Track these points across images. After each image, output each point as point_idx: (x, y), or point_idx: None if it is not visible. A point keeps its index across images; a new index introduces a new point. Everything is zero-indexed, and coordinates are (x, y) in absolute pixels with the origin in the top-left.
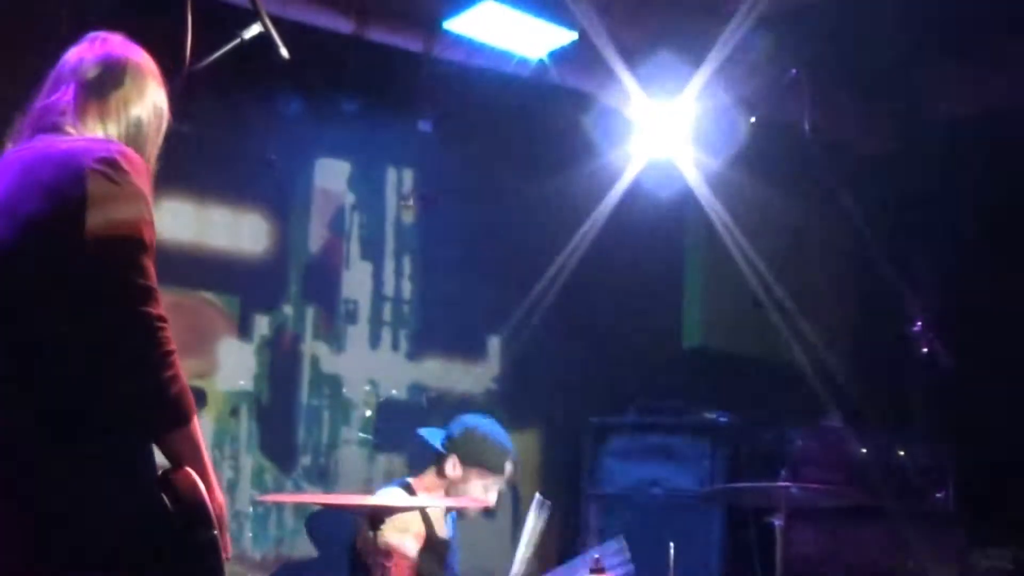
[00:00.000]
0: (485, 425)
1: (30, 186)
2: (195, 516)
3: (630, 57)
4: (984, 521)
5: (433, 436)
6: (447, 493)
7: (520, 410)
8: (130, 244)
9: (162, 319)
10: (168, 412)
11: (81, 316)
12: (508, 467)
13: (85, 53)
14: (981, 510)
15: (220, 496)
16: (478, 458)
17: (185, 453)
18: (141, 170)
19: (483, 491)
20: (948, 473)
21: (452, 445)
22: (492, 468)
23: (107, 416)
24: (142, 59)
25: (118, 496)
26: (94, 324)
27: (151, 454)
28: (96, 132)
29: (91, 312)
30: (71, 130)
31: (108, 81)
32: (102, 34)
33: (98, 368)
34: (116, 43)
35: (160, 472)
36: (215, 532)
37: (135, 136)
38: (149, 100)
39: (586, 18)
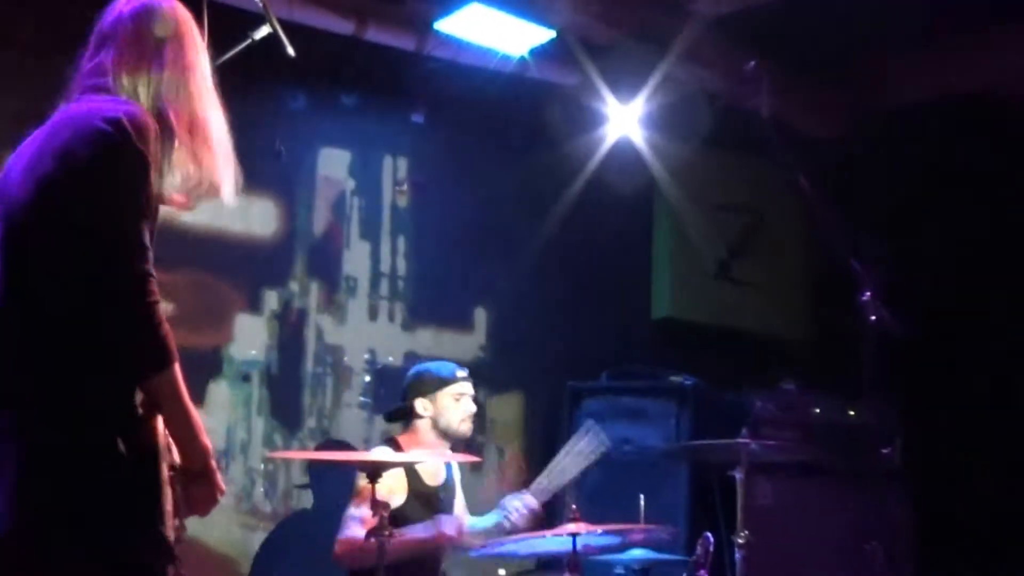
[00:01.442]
0: (427, 363)
1: (49, 148)
2: (144, 469)
3: (603, 52)
4: (927, 475)
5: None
6: (436, 432)
7: (504, 375)
8: (126, 203)
9: (149, 274)
10: (152, 356)
11: (79, 269)
12: (460, 372)
13: (123, 8)
14: (924, 465)
15: (204, 441)
16: (434, 384)
17: (166, 394)
18: (147, 133)
19: (458, 407)
20: (894, 431)
21: (410, 393)
22: (448, 381)
23: (92, 360)
24: (177, 12)
25: (86, 433)
26: (90, 276)
27: (130, 399)
28: (129, 91)
29: (88, 265)
30: (109, 89)
31: (143, 38)
32: None
33: (90, 315)
34: (157, 3)
35: (133, 416)
36: (159, 486)
37: (168, 92)
38: (185, 53)
39: (562, 18)
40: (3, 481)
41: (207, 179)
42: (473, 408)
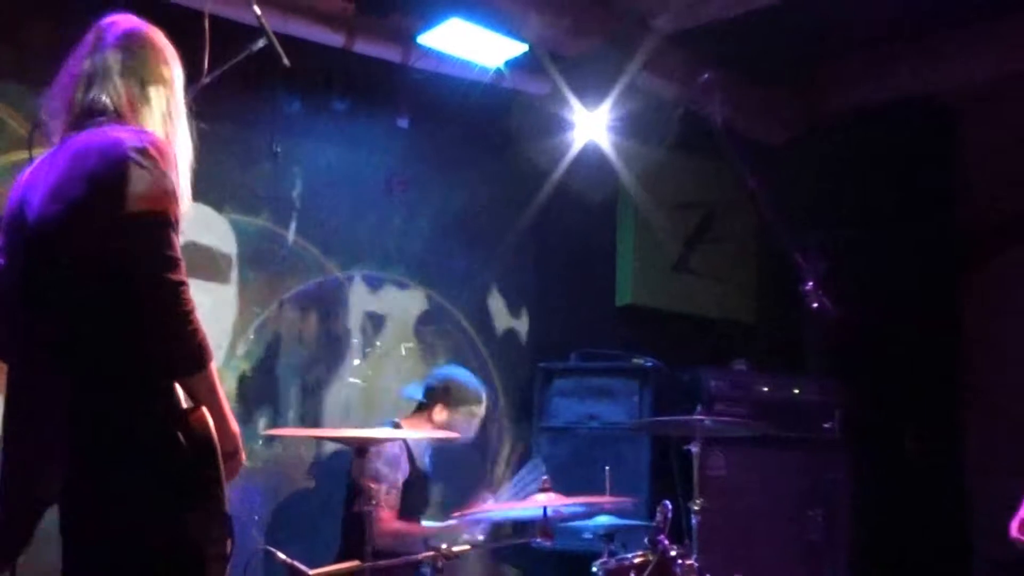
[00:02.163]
0: (458, 372)
1: (77, 173)
2: (203, 452)
3: (572, 64)
4: (863, 446)
5: (415, 391)
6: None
7: (483, 358)
8: (159, 221)
9: (184, 283)
10: (189, 359)
11: (117, 283)
12: (483, 393)
13: (113, 32)
14: (861, 436)
15: (234, 426)
16: (459, 401)
17: (203, 393)
18: (169, 157)
19: (469, 425)
20: (834, 407)
21: (434, 395)
22: (472, 403)
23: (136, 366)
24: (158, 35)
25: (140, 432)
26: (128, 289)
27: (173, 397)
28: (128, 117)
29: (126, 279)
30: (114, 118)
31: (142, 71)
32: (122, 16)
33: (129, 325)
34: (134, 22)
35: (179, 411)
36: (219, 468)
37: (168, 115)
38: (174, 80)
39: (534, 32)
40: (85, 490)
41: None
42: (477, 429)
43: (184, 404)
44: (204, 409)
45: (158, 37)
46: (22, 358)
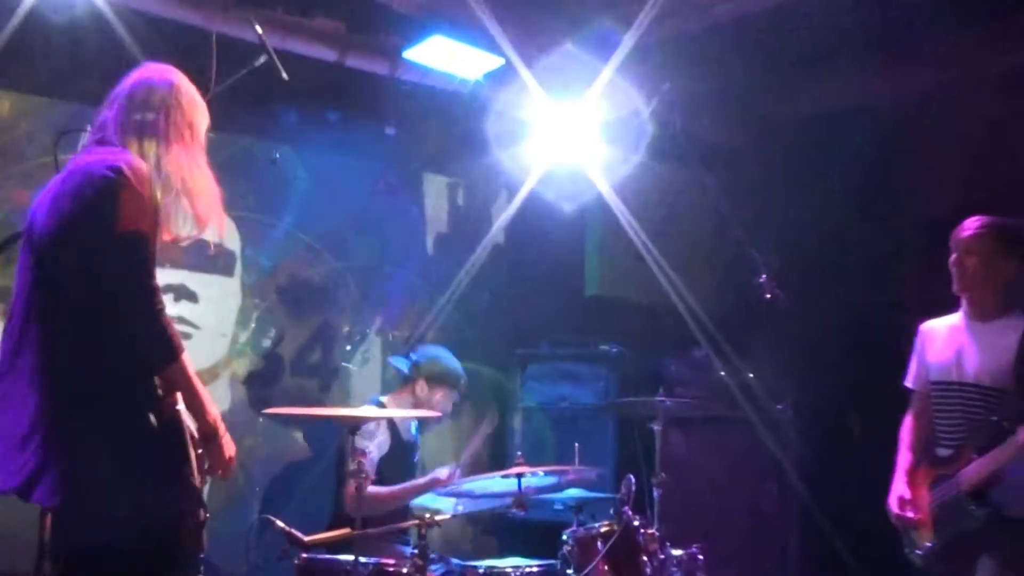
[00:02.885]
0: (443, 354)
1: (67, 191)
2: (172, 433)
3: (544, 76)
4: (813, 426)
5: (399, 363)
6: (415, 407)
7: (465, 345)
8: (131, 231)
9: (155, 287)
10: (160, 352)
11: (98, 284)
12: (463, 378)
13: (130, 79)
14: (809, 417)
15: (212, 411)
16: (441, 379)
17: (180, 382)
18: (142, 174)
19: (445, 403)
20: (786, 390)
21: (418, 370)
22: (451, 386)
23: (116, 360)
24: (174, 79)
25: (120, 417)
26: (107, 290)
27: (150, 386)
28: (130, 143)
29: (105, 281)
30: (113, 142)
31: (142, 102)
32: (149, 64)
33: (110, 324)
34: (151, 70)
35: (155, 398)
36: (187, 447)
37: (164, 152)
38: (178, 122)
39: (511, 48)
40: (53, 458)
41: (197, 225)
42: (450, 411)
43: (160, 392)
44: (178, 395)
45: (176, 82)
46: (18, 352)
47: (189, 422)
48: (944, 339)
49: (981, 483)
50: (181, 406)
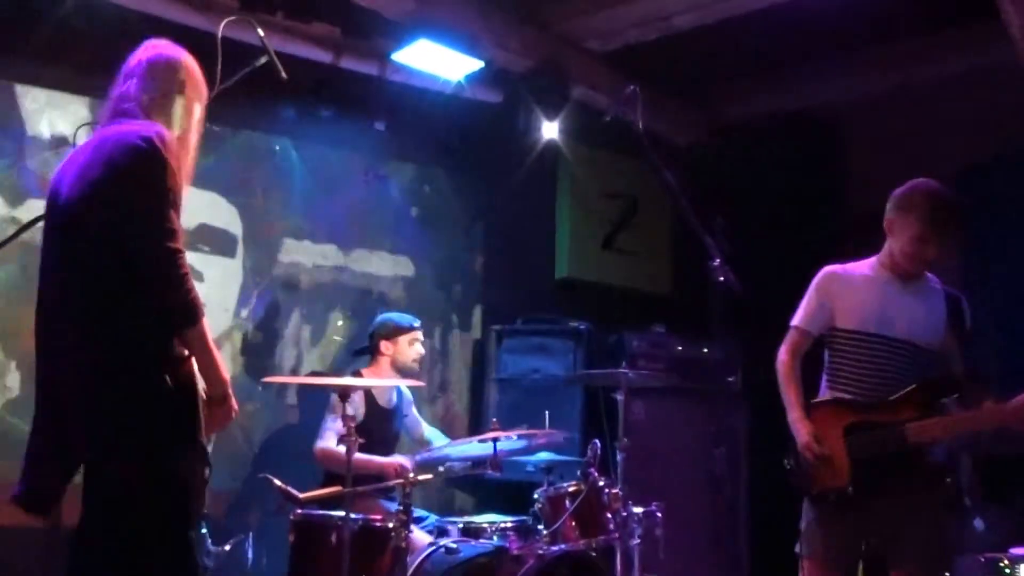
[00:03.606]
0: (390, 314)
1: (97, 158)
2: (185, 394)
3: (519, 78)
4: (760, 397)
5: (362, 347)
6: (394, 367)
7: (448, 321)
8: (160, 197)
9: (180, 251)
10: (183, 315)
11: (126, 248)
12: (415, 323)
13: (142, 55)
14: (757, 389)
15: (224, 375)
16: (396, 331)
17: (196, 346)
18: (172, 145)
19: (411, 348)
20: (736, 364)
21: (376, 334)
22: (406, 329)
23: (139, 321)
24: (183, 58)
25: (139, 377)
26: (135, 254)
27: (169, 348)
28: (149, 116)
29: (132, 246)
30: (133, 114)
31: (158, 76)
32: (155, 40)
33: (135, 285)
34: (164, 47)
35: (172, 360)
36: (198, 408)
37: (178, 115)
38: (188, 88)
39: (488, 52)
40: (80, 417)
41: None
42: (422, 351)
43: (178, 354)
44: (193, 360)
45: (185, 61)
46: (49, 313)
47: (200, 384)
48: (861, 289)
49: (929, 442)
50: (195, 368)
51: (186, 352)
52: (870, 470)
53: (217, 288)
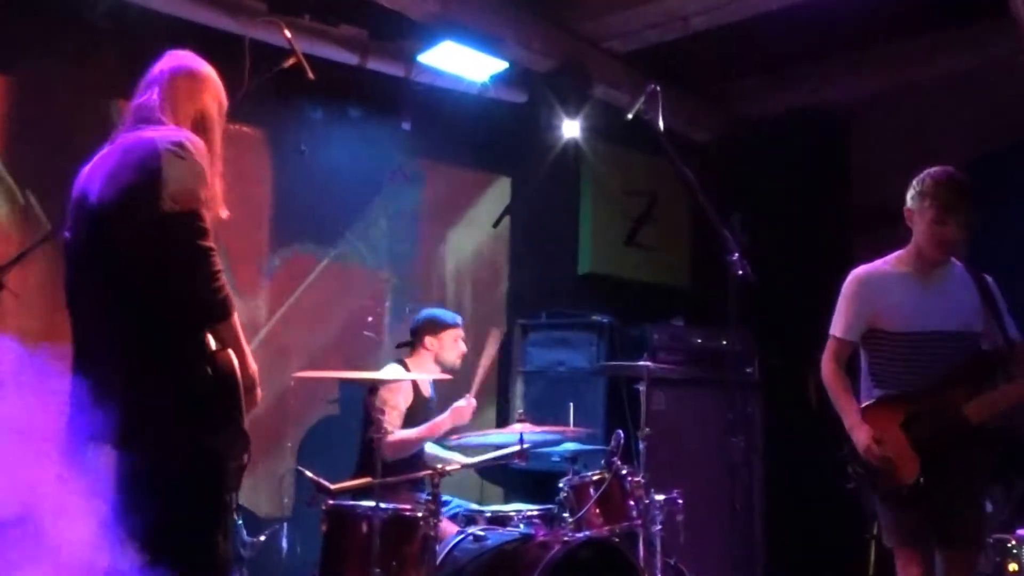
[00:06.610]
0: (433, 310)
1: (127, 162)
2: (226, 384)
3: (543, 78)
4: (776, 387)
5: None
6: (436, 361)
7: (476, 316)
8: (191, 199)
9: (212, 249)
10: (216, 310)
11: (157, 248)
12: (458, 320)
13: (164, 65)
14: (773, 379)
15: (253, 366)
16: (440, 326)
17: (229, 338)
18: (201, 150)
19: (455, 346)
20: (753, 356)
21: (419, 330)
22: (451, 326)
23: (174, 316)
24: (204, 68)
25: (178, 368)
26: (167, 253)
27: (204, 341)
28: (174, 122)
29: (165, 245)
30: (157, 121)
31: (180, 85)
32: (177, 51)
33: (168, 284)
34: (186, 57)
35: (209, 352)
36: (239, 398)
37: (200, 123)
38: (208, 98)
39: (512, 53)
40: (127, 407)
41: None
42: (464, 348)
43: (213, 347)
44: (229, 351)
45: (206, 71)
46: (85, 312)
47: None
48: (896, 288)
49: (987, 417)
50: (233, 358)
51: (222, 344)
52: (935, 456)
53: None
